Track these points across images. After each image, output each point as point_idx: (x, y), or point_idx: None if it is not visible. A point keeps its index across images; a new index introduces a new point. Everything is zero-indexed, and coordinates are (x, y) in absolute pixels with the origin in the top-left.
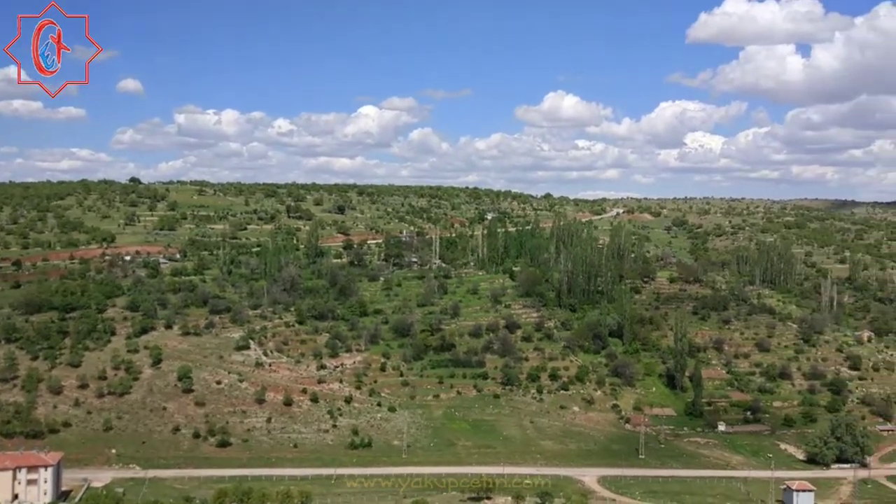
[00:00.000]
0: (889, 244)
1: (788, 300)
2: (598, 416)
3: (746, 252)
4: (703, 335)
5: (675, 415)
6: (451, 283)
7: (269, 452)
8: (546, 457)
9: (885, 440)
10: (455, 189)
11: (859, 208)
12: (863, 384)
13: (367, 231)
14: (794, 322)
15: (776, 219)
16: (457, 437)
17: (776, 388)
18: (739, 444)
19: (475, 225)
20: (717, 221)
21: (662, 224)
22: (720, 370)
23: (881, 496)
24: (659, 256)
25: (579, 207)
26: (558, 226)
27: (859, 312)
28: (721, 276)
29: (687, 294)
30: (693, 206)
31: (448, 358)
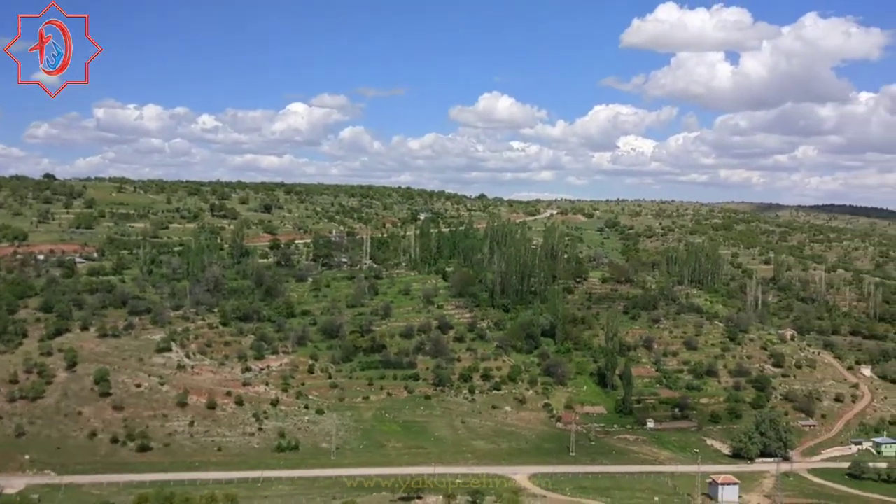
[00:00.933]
0: (811, 246)
1: (715, 300)
2: (529, 416)
3: (676, 253)
4: (633, 334)
5: (606, 413)
6: (382, 283)
7: (192, 457)
8: (478, 456)
9: (806, 435)
10: (387, 189)
11: (783, 211)
12: (786, 381)
13: (294, 231)
14: (720, 321)
15: (704, 221)
16: (387, 439)
17: (703, 385)
18: (667, 440)
19: (408, 225)
20: (648, 223)
21: (595, 225)
22: (650, 368)
23: (802, 488)
24: (591, 257)
25: (513, 208)
26: (492, 226)
27: (783, 312)
28: (651, 277)
29: (618, 294)
30: (625, 207)
31: (378, 359)
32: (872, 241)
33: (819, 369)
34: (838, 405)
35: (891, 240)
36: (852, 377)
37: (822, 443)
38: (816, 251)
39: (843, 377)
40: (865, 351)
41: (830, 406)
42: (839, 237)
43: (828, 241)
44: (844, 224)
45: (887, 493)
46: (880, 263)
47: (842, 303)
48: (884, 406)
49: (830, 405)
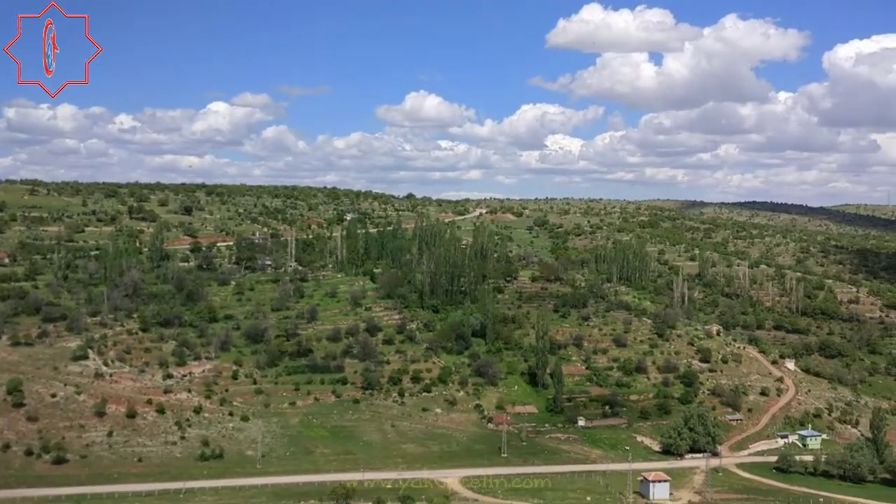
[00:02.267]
0: (735, 242)
1: (643, 296)
2: (460, 417)
3: (604, 251)
4: (563, 332)
5: (537, 412)
6: (307, 286)
7: (111, 468)
8: (408, 460)
9: (734, 429)
10: (312, 189)
11: (708, 208)
12: (713, 376)
13: (216, 233)
14: (648, 318)
15: (632, 219)
16: (314, 445)
17: (633, 381)
18: (598, 438)
19: (334, 226)
20: (577, 221)
21: (524, 224)
22: (580, 366)
23: (731, 483)
24: (521, 256)
25: (442, 208)
26: (421, 226)
27: (709, 307)
28: (580, 275)
29: (548, 292)
30: (554, 206)
31: (305, 364)
32: (793, 237)
33: (745, 364)
34: (764, 399)
35: (811, 236)
36: (777, 371)
37: (750, 437)
38: (740, 247)
39: (768, 371)
40: (789, 345)
41: (756, 400)
42: (761, 233)
43: (750, 237)
44: (766, 221)
45: (813, 486)
46: (801, 259)
47: (765, 298)
48: (808, 399)
49: (756, 399)
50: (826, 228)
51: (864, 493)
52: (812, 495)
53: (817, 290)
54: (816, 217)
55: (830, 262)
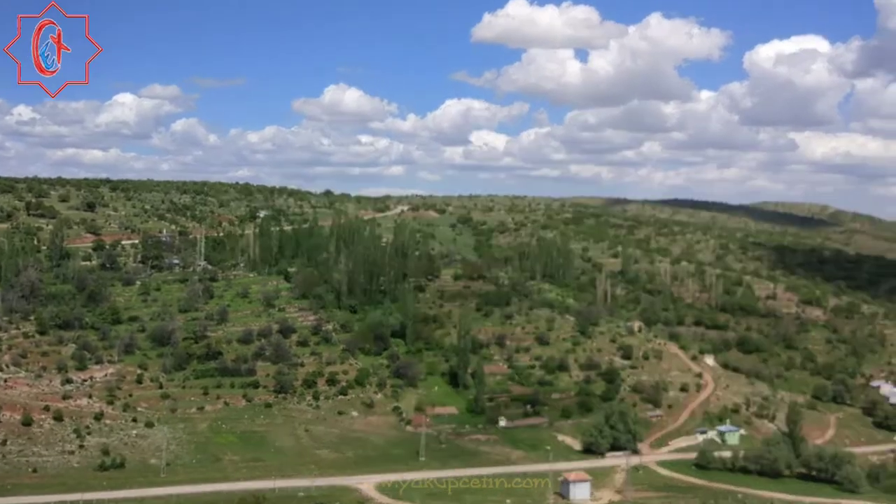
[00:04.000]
0: (657, 239)
1: (567, 294)
2: (378, 420)
3: (528, 248)
4: (486, 331)
5: (458, 413)
6: (217, 286)
7: (4, 479)
8: (322, 466)
9: (654, 426)
10: (224, 185)
11: (631, 205)
12: (634, 372)
13: (121, 231)
14: (571, 315)
15: (556, 216)
16: (223, 452)
17: (555, 380)
18: (519, 439)
19: (246, 223)
20: (501, 218)
21: (448, 221)
22: (502, 365)
23: (652, 481)
24: (444, 254)
25: (362, 205)
26: (339, 224)
27: (631, 304)
28: (504, 272)
29: (471, 291)
30: (478, 203)
31: (214, 367)
32: (713, 233)
33: (665, 360)
34: (684, 395)
35: (730, 232)
36: (696, 367)
37: (670, 433)
38: (662, 244)
39: (688, 367)
40: (708, 340)
41: (676, 396)
42: (682, 230)
43: (672, 234)
44: (688, 218)
45: (732, 482)
46: (721, 255)
47: (686, 294)
48: (726, 394)
49: (676, 395)
50: (745, 225)
51: (780, 487)
52: (731, 491)
53: (736, 287)
54: (736, 214)
55: (749, 259)
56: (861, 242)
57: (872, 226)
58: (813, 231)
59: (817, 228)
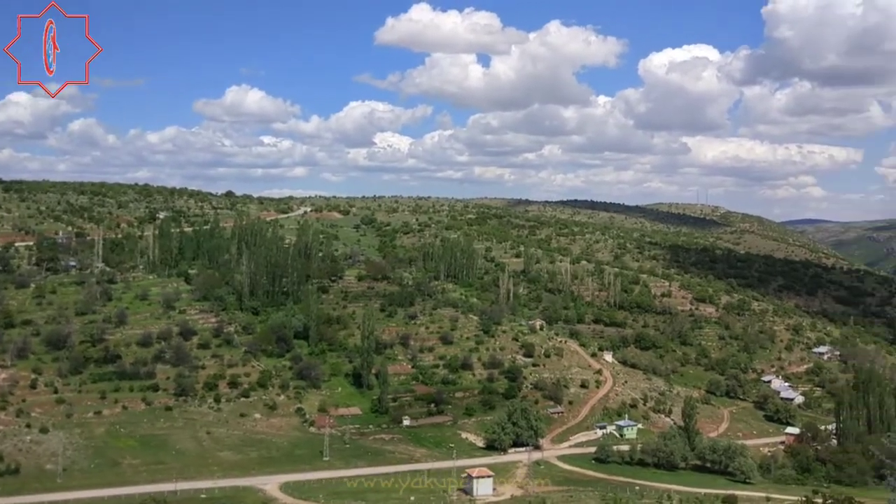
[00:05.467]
0: (558, 239)
1: (470, 293)
2: (280, 422)
3: (432, 248)
4: (390, 331)
5: (362, 413)
6: (116, 288)
7: None
8: (224, 468)
9: (555, 422)
10: (122, 186)
11: (533, 207)
12: (536, 370)
13: (14, 232)
14: (475, 314)
15: (460, 217)
16: (122, 456)
17: (458, 378)
18: (423, 437)
19: (145, 225)
20: (405, 219)
21: (351, 222)
22: (406, 365)
23: (552, 476)
24: (347, 255)
25: (264, 206)
26: (240, 225)
27: (533, 303)
28: (408, 273)
29: (375, 292)
30: (382, 204)
31: (112, 370)
32: (611, 233)
33: (566, 357)
34: (584, 391)
35: (627, 232)
36: (596, 363)
37: (570, 429)
38: (562, 244)
39: (588, 364)
40: (607, 338)
41: (577, 392)
42: (582, 231)
43: (572, 234)
44: (587, 218)
45: (630, 475)
46: (618, 255)
47: (585, 293)
48: (624, 390)
49: (577, 392)
50: (641, 226)
51: (676, 479)
52: (628, 484)
53: (633, 285)
54: (633, 215)
55: (645, 258)
56: (750, 242)
57: (761, 226)
58: (705, 231)
59: (709, 229)
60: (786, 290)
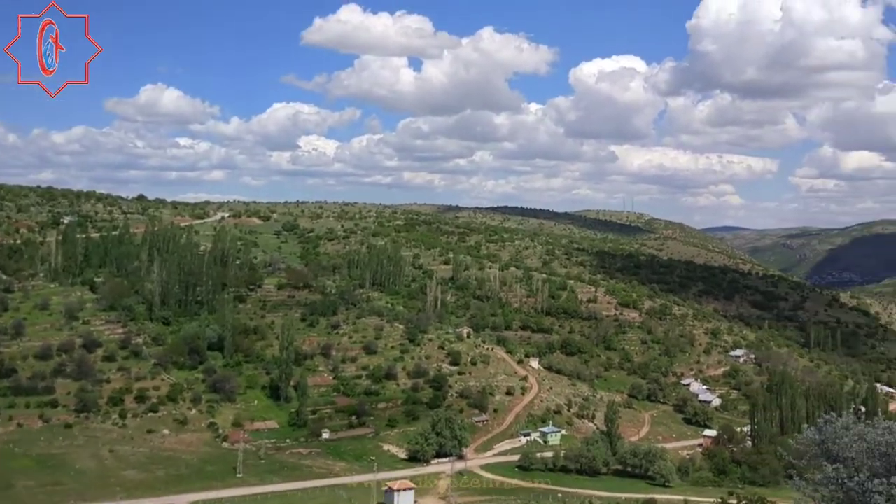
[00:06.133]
0: (487, 246)
1: (396, 301)
2: (191, 437)
3: (357, 256)
4: (310, 342)
5: (279, 427)
6: (13, 297)
7: None
8: (128, 488)
9: (480, 431)
10: (23, 188)
11: (463, 213)
12: (462, 378)
13: None
14: (401, 323)
15: (387, 223)
16: (16, 477)
17: (382, 389)
18: (343, 450)
19: (48, 230)
20: (330, 225)
21: (272, 228)
22: (327, 376)
23: (475, 485)
24: (267, 262)
25: (178, 211)
26: (152, 231)
27: (460, 310)
28: (332, 281)
29: (296, 300)
30: (305, 209)
31: (7, 385)
32: (540, 240)
33: (492, 364)
34: (509, 399)
35: (556, 239)
36: (522, 370)
37: (495, 437)
38: (492, 251)
39: (514, 371)
40: (534, 344)
41: (502, 400)
42: (511, 237)
43: (502, 241)
44: (516, 225)
45: (553, 482)
46: (547, 261)
47: (513, 299)
48: (549, 396)
49: (502, 399)
50: (570, 232)
51: (598, 485)
52: (551, 491)
53: (561, 291)
54: (561, 221)
55: (573, 264)
56: (673, 248)
57: (682, 233)
58: (631, 237)
59: (634, 235)
60: (705, 295)
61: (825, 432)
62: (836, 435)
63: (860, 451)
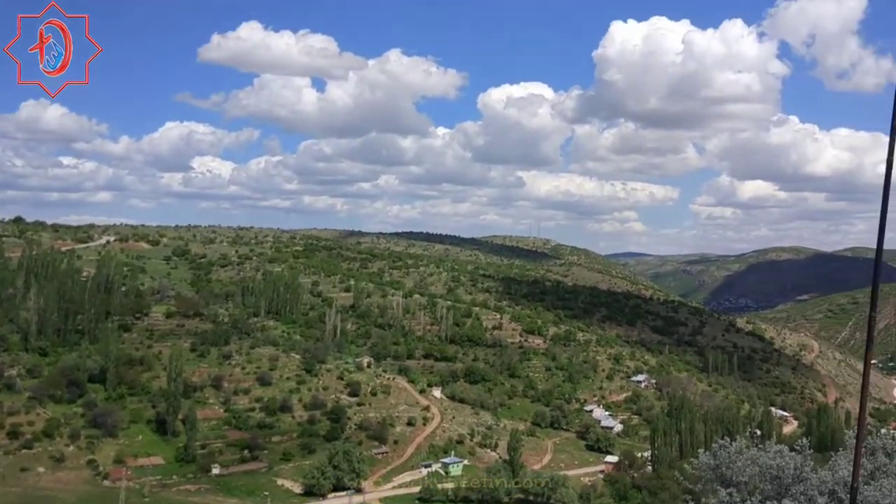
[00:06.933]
0: (391, 272)
1: (294, 330)
2: (69, 475)
3: (253, 283)
4: (200, 373)
5: (165, 463)
6: None
7: None
8: None
9: (379, 463)
10: None
11: (366, 238)
12: (361, 410)
13: None
14: (297, 353)
15: (285, 248)
16: None
17: (276, 422)
18: (234, 486)
19: None
20: (224, 251)
21: (162, 254)
22: (218, 409)
23: None
24: (155, 289)
25: (59, 234)
26: (29, 255)
27: (361, 339)
28: (225, 309)
29: (185, 329)
30: (198, 234)
31: None
32: (446, 266)
33: (393, 395)
34: (410, 429)
35: (462, 265)
36: (424, 400)
37: (395, 469)
38: (395, 277)
39: (416, 401)
40: (437, 373)
41: (403, 431)
42: (416, 263)
43: (406, 267)
44: (422, 251)
45: None
46: (452, 288)
47: (417, 327)
48: (452, 426)
49: (403, 430)
50: (476, 258)
51: None
52: None
53: (466, 318)
54: (468, 247)
55: (478, 291)
56: (578, 274)
57: (587, 259)
58: (537, 263)
59: (540, 261)
60: (608, 321)
61: (720, 457)
62: (730, 459)
63: (753, 475)
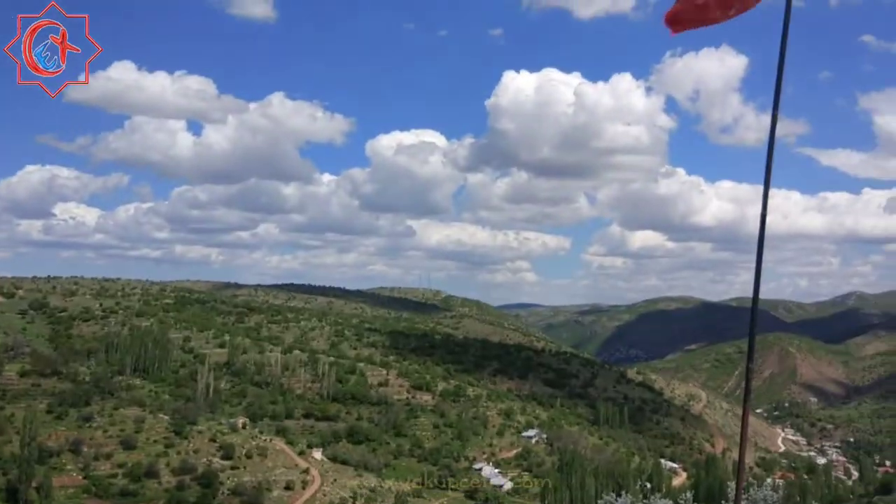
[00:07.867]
0: (269, 327)
1: (162, 390)
2: None
3: (118, 338)
4: (58, 437)
5: None
6: None
7: None
8: None
9: None
10: None
11: (243, 290)
12: (235, 473)
13: None
14: (166, 414)
15: (154, 301)
16: None
17: (141, 489)
18: None
19: None
20: (87, 304)
21: (17, 307)
22: (77, 476)
23: None
24: (9, 346)
25: None
26: None
27: (236, 398)
28: (86, 367)
29: (42, 389)
30: (58, 285)
31: None
32: (329, 320)
33: (270, 457)
34: (288, 493)
35: (346, 318)
36: (303, 462)
37: None
38: (274, 332)
39: (295, 463)
40: (317, 433)
41: (280, 496)
42: (297, 317)
43: (286, 321)
44: (303, 304)
45: None
46: (335, 343)
47: (297, 385)
48: (333, 489)
49: (280, 495)
50: (362, 311)
51: None
52: None
53: (349, 374)
54: (353, 299)
55: (363, 345)
56: (469, 326)
57: (479, 310)
58: (426, 315)
59: (430, 313)
60: (500, 374)
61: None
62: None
63: None
